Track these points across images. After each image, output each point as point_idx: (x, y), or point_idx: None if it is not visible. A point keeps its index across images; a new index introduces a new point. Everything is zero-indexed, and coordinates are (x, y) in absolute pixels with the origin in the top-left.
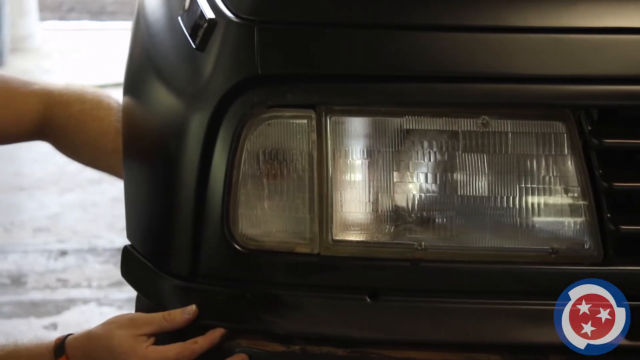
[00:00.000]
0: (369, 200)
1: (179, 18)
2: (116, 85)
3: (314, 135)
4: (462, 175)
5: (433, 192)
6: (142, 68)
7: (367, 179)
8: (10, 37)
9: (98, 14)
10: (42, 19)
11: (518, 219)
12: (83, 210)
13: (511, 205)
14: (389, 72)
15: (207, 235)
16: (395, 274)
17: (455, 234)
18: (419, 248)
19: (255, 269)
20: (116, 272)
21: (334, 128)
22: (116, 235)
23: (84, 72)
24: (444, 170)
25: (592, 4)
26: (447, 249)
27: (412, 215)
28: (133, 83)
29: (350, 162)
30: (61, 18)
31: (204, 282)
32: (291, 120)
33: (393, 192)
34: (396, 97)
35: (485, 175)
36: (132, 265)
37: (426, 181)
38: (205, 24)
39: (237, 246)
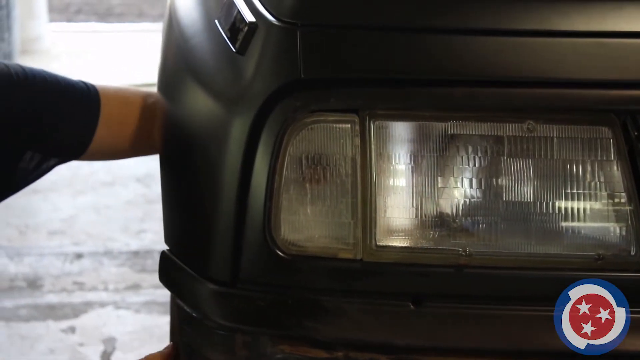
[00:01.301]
0: (413, 206)
1: (216, 21)
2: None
3: (358, 140)
4: (506, 181)
5: (477, 197)
6: (177, 71)
7: (411, 184)
8: (20, 39)
9: (105, 15)
10: (50, 20)
11: (563, 225)
12: (97, 213)
13: (556, 211)
14: (433, 76)
15: (249, 240)
16: (439, 280)
17: (500, 239)
18: (463, 254)
19: (297, 274)
20: (132, 275)
21: (378, 132)
22: (131, 238)
23: (93, 74)
24: (489, 175)
25: (638, 7)
26: (492, 255)
27: (457, 220)
28: (168, 86)
29: (393, 166)
30: (69, 20)
31: (245, 287)
32: (334, 125)
33: (437, 198)
34: (441, 102)
35: (530, 180)
36: (170, 270)
37: (470, 186)
38: (246, 28)
39: (278, 252)
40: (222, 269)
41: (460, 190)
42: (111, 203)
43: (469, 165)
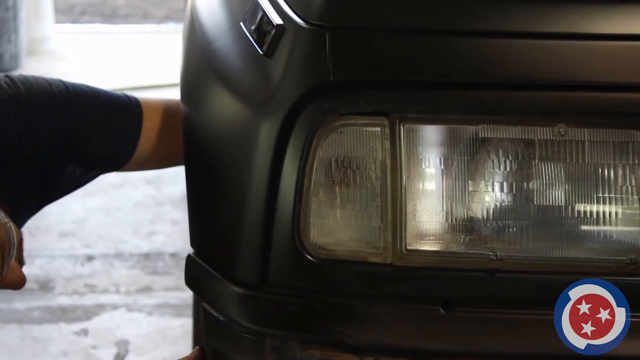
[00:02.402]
0: (443, 209)
1: (241, 23)
2: (133, 88)
3: (387, 143)
4: (538, 185)
5: (508, 201)
6: (201, 74)
7: (441, 188)
8: (26, 40)
9: (110, 17)
10: (56, 22)
11: (595, 229)
12: (107, 214)
13: (587, 215)
14: (464, 79)
15: (277, 244)
16: (469, 285)
17: (531, 243)
18: (494, 258)
19: (326, 278)
20: (143, 278)
21: (408, 136)
22: (141, 240)
23: (100, 75)
24: (520, 179)
25: None
26: (523, 259)
27: (487, 224)
28: (192, 89)
29: (424, 170)
30: (74, 21)
31: (274, 291)
32: (364, 128)
33: (468, 201)
34: (471, 105)
35: (561, 184)
36: (196, 273)
37: (501, 190)
38: (273, 30)
39: (307, 255)
40: (251, 272)
41: (490, 194)
42: (121, 205)
43: (499, 169)
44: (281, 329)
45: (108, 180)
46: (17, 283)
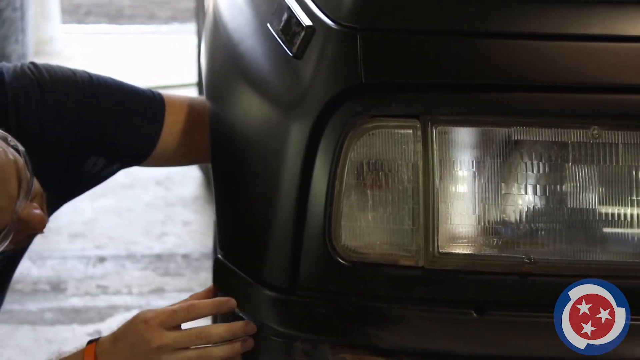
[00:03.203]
0: (476, 212)
1: (268, 25)
2: None
3: (419, 146)
4: (571, 187)
5: (541, 204)
6: (227, 75)
7: (473, 190)
8: (33, 41)
9: (116, 17)
10: (62, 22)
11: (628, 232)
12: (117, 215)
13: (621, 218)
14: (496, 81)
15: (308, 247)
16: (502, 288)
17: (564, 246)
18: (527, 261)
19: (357, 281)
20: (156, 279)
21: (440, 138)
22: (153, 242)
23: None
24: (553, 181)
25: None
26: (556, 262)
27: (520, 227)
28: (218, 90)
29: (456, 172)
30: (79, 21)
31: (305, 294)
32: (395, 130)
33: (500, 204)
34: (504, 107)
35: (594, 187)
36: (225, 276)
37: (534, 193)
38: (303, 31)
39: (339, 258)
40: (281, 275)
41: (523, 196)
42: (131, 206)
43: (532, 172)
44: (312, 332)
45: (117, 181)
46: (36, 221)
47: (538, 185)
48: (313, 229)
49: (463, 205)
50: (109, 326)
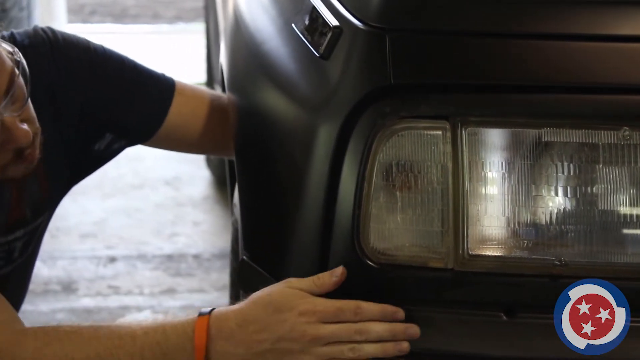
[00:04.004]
0: (506, 214)
1: (293, 25)
2: None
3: (449, 147)
4: (602, 189)
5: (572, 205)
6: (250, 75)
7: (503, 192)
8: None
9: (120, 17)
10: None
11: None
12: (127, 216)
13: None
14: (527, 82)
15: (336, 249)
16: (532, 290)
17: (595, 249)
18: (558, 263)
19: (386, 283)
20: (167, 279)
21: (470, 139)
22: (163, 242)
23: None
24: (584, 183)
25: None
26: (587, 264)
27: (551, 229)
28: (241, 91)
29: (486, 174)
30: (84, 21)
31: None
32: (425, 132)
33: (531, 206)
34: (534, 109)
35: (625, 188)
36: (252, 278)
37: (565, 194)
38: (330, 32)
39: (367, 260)
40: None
41: (554, 198)
42: (141, 206)
43: (563, 173)
44: None
45: (126, 181)
46: (21, 133)
47: (568, 187)
48: (341, 230)
49: (493, 207)
50: None
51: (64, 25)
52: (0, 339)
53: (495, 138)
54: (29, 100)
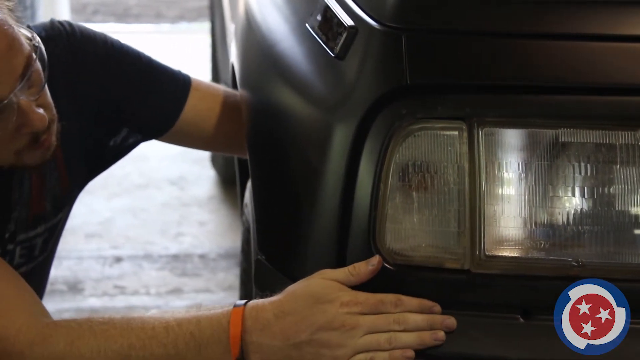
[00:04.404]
0: (523, 215)
1: (307, 25)
2: None
3: (465, 147)
4: (619, 189)
5: (589, 206)
6: (264, 75)
7: (520, 193)
8: None
9: (123, 16)
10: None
11: None
12: (133, 215)
13: None
14: (543, 82)
15: (352, 249)
16: (549, 292)
17: (613, 250)
18: (575, 264)
19: (402, 284)
20: (173, 279)
21: (486, 140)
22: (169, 242)
23: None
24: (601, 184)
25: None
26: (604, 265)
27: (568, 230)
28: (255, 92)
29: (503, 175)
30: (87, 20)
31: None
32: (441, 132)
33: (548, 206)
34: (551, 109)
35: None
36: (267, 278)
37: (582, 195)
38: (345, 32)
39: (383, 261)
40: None
41: (571, 199)
42: (146, 206)
43: (580, 174)
44: None
45: (132, 181)
46: (36, 117)
47: (586, 188)
48: (357, 231)
49: (510, 207)
50: None
51: None
52: (32, 332)
53: (512, 138)
54: (46, 86)
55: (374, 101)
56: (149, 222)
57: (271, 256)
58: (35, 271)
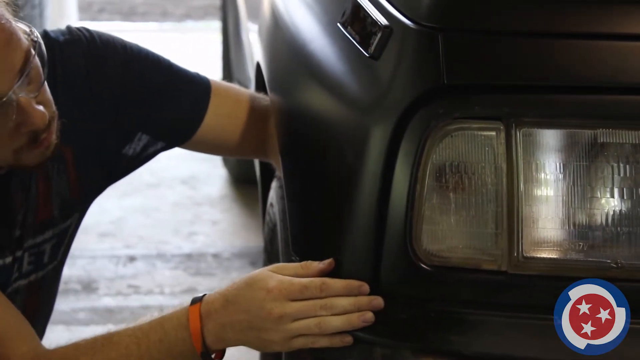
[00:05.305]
0: (561, 215)
1: (339, 25)
2: None
3: (503, 148)
4: None
5: (628, 207)
6: (295, 76)
7: (558, 193)
8: None
9: (129, 14)
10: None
11: None
12: (145, 215)
13: None
14: (581, 82)
15: (389, 251)
16: None
17: None
18: (614, 266)
19: (439, 286)
20: (187, 279)
21: (524, 140)
22: (182, 241)
23: None
24: None
25: None
26: None
27: (607, 231)
28: (285, 92)
29: (540, 175)
30: (93, 19)
31: (385, 299)
32: (478, 132)
33: (586, 207)
34: (589, 109)
35: None
36: None
37: (621, 196)
38: (379, 32)
39: (420, 263)
40: (360, 279)
41: (609, 200)
42: (158, 205)
43: (619, 174)
44: (392, 338)
45: (143, 180)
46: (36, 114)
47: (624, 189)
48: (394, 232)
49: (548, 208)
50: None
51: (74, 22)
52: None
53: (549, 139)
54: (46, 83)
55: (410, 101)
56: (161, 222)
57: (305, 257)
58: (46, 281)
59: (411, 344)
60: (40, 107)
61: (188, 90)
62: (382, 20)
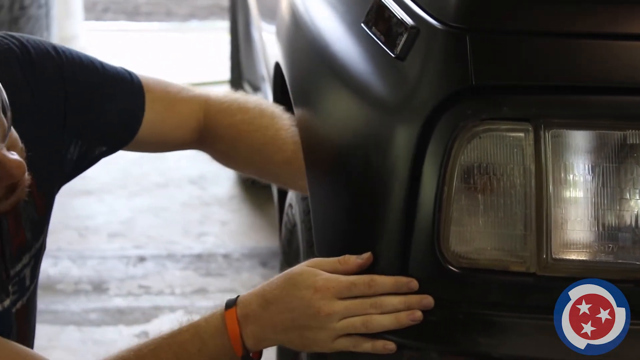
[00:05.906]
0: (591, 217)
1: (363, 25)
2: None
3: (531, 149)
4: None
5: None
6: (319, 76)
7: (588, 195)
8: (57, 38)
9: (133, 14)
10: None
11: None
12: (154, 215)
13: None
14: (611, 83)
15: (416, 253)
16: None
17: None
18: None
19: (467, 288)
20: (197, 279)
21: (553, 141)
22: (192, 241)
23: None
24: None
25: None
26: None
27: (637, 233)
28: (308, 93)
29: (570, 177)
30: (97, 18)
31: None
32: (507, 134)
33: (616, 209)
34: (619, 110)
35: None
36: None
37: None
38: (406, 32)
39: (448, 264)
40: None
41: (639, 201)
42: (167, 205)
43: None
44: (420, 340)
45: (151, 180)
46: (13, 165)
47: None
48: (421, 234)
49: (577, 210)
50: (156, 327)
51: (80, 22)
52: None
53: (579, 140)
54: (12, 129)
55: (438, 102)
56: (170, 222)
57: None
58: (30, 302)
59: (439, 346)
60: (15, 155)
61: (123, 88)
62: (408, 21)
